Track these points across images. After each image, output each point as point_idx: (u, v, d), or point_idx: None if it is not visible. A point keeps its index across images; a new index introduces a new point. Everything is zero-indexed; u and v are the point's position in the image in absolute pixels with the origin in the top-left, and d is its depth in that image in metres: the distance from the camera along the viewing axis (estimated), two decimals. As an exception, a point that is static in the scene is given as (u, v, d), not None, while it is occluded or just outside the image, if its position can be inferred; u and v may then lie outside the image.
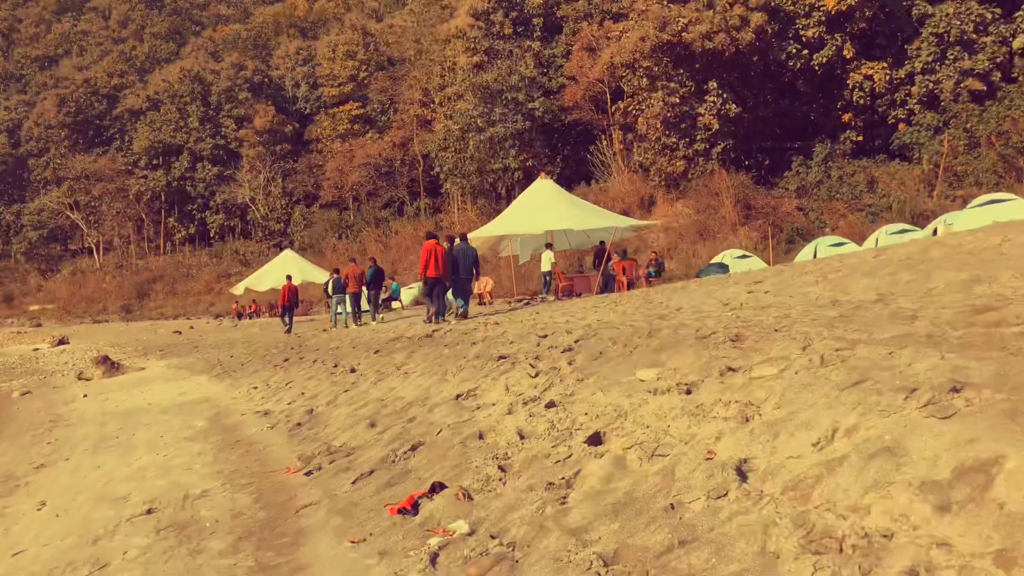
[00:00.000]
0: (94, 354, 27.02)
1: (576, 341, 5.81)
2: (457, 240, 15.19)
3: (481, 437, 4.20)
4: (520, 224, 17.71)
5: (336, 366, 9.32)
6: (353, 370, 8.38)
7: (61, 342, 35.21)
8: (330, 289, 21.34)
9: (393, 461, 4.31)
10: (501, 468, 3.61)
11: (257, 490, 4.75)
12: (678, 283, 13.93)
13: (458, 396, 5.15)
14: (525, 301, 17.95)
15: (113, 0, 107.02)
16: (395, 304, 24.89)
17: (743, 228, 30.92)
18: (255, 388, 9.93)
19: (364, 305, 22.19)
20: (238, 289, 33.93)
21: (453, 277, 14.87)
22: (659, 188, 36.11)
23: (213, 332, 29.26)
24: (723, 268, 19.09)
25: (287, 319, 22.32)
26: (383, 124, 63.28)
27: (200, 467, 5.74)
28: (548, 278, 18.43)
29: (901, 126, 33.84)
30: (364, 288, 20.03)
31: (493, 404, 4.67)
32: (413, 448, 4.38)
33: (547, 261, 18.45)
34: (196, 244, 70.24)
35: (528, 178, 48.37)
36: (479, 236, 18.36)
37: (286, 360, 12.11)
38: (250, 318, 38.69)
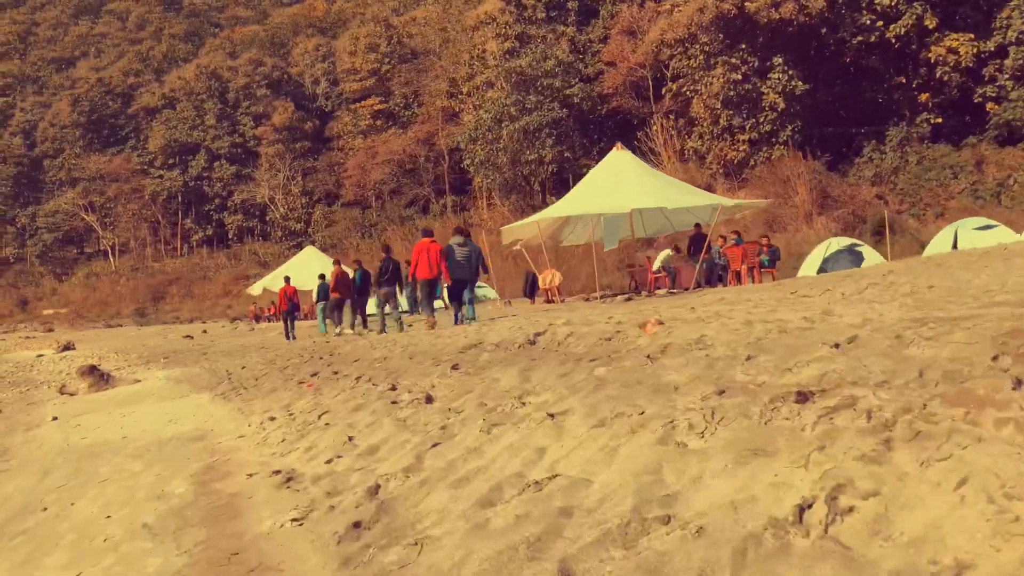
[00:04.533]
0: (95, 361, 24.09)
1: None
2: (459, 237, 13.46)
3: None
4: (600, 202, 14.36)
5: (394, 389, 6.09)
6: (429, 399, 5.14)
7: (66, 348, 32.49)
8: (314, 296, 19.34)
9: None
10: None
11: None
12: (909, 260, 10.54)
13: (802, 508, 1.96)
14: (623, 296, 14.38)
15: (130, 3, 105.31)
16: (438, 303, 21.63)
17: (819, 218, 27.47)
18: (272, 419, 6.73)
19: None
20: (255, 289, 31.03)
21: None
22: (717, 176, 32.70)
23: (227, 337, 26.23)
24: (855, 256, 15.79)
25: (288, 325, 20.35)
26: (406, 119, 60.34)
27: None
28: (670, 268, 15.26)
29: (990, 105, 30.23)
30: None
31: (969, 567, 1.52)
32: None
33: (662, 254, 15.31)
34: (213, 246, 67.65)
35: (562, 173, 45.30)
36: (545, 217, 15.15)
37: (314, 375, 8.91)
38: (268, 321, 35.76)
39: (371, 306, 27.05)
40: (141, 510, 4.45)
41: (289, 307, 20.72)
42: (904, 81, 32.92)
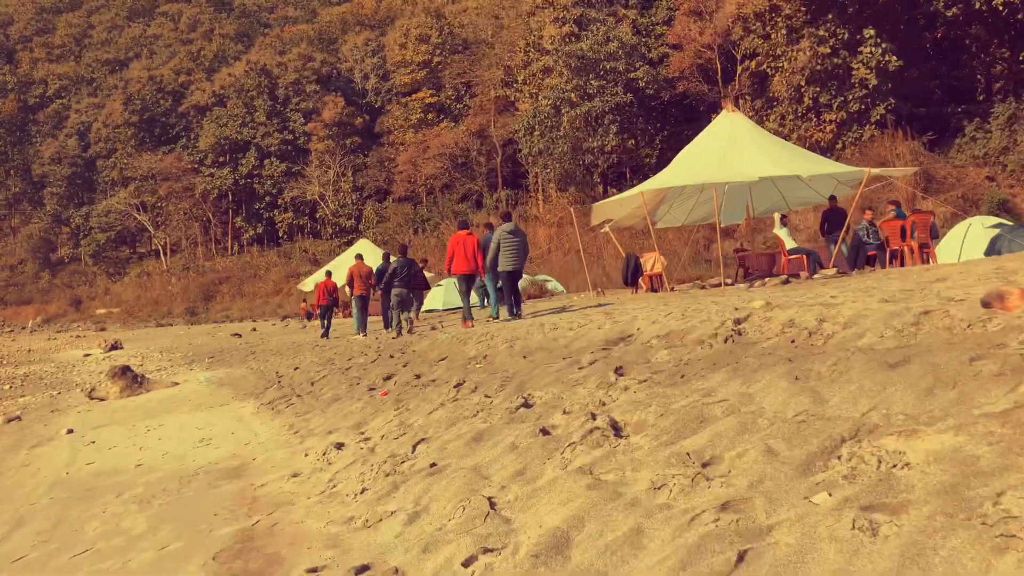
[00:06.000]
0: (138, 361, 22.66)
1: None
2: (509, 224, 12.31)
3: None
4: (718, 171, 11.89)
5: (529, 405, 3.92)
6: (617, 429, 2.96)
7: (113, 347, 31.44)
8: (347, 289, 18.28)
9: None
10: None
11: None
12: None
13: None
14: (778, 280, 11.67)
15: (183, 4, 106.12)
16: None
17: (924, 202, 24.60)
18: (338, 447, 4.63)
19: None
20: (307, 285, 29.35)
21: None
22: (802, 160, 29.85)
23: (277, 334, 24.53)
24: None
25: (325, 322, 19.39)
26: (458, 111, 58.46)
27: None
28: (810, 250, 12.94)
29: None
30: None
31: None
32: None
33: (787, 237, 12.94)
34: (264, 244, 66.70)
35: (620, 165, 42.82)
36: (649, 189, 12.85)
37: (388, 379, 6.82)
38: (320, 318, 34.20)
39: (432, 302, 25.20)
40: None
41: (328, 302, 19.53)
42: (1008, 54, 29.77)
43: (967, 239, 14.83)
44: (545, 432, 3.21)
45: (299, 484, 3.95)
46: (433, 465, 3.35)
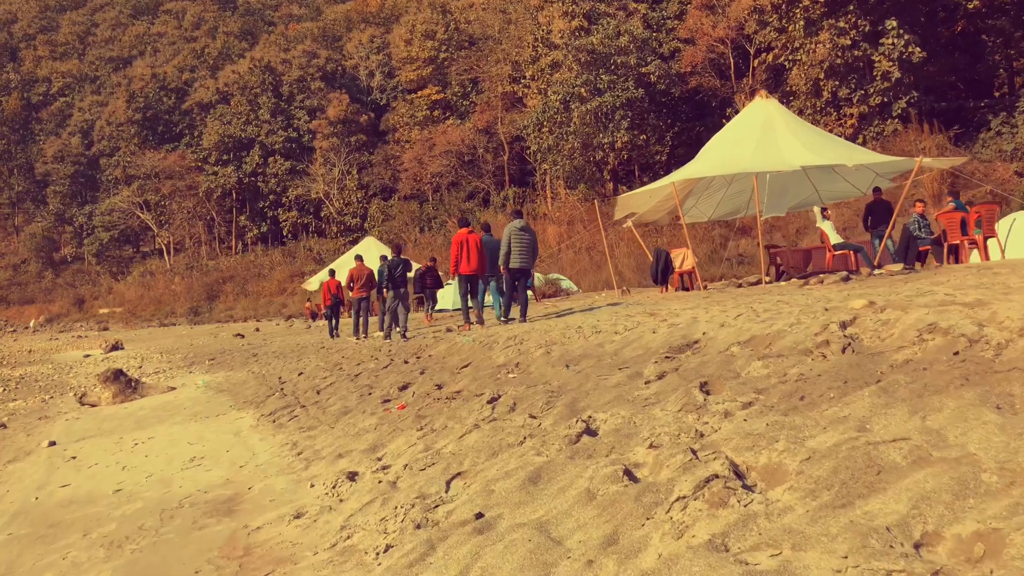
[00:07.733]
0: (137, 362, 21.94)
1: None
2: (520, 220, 11.89)
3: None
4: (759, 158, 11.01)
5: (592, 432, 3.12)
6: (741, 475, 2.15)
7: (114, 347, 30.82)
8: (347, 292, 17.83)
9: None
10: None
11: None
12: None
13: None
14: (837, 277, 10.57)
15: (187, 2, 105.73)
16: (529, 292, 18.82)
17: (950, 199, 23.73)
18: (352, 477, 3.80)
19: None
20: (312, 284, 28.57)
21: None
22: (821, 155, 28.96)
23: (280, 335, 23.74)
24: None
25: (332, 323, 18.92)
26: (465, 108, 57.61)
27: None
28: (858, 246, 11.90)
29: None
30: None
31: None
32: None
33: (831, 231, 12.01)
34: (269, 243, 65.91)
35: (630, 162, 41.99)
36: (683, 178, 12.02)
37: (404, 389, 6.02)
38: (325, 319, 33.45)
39: (445, 301, 24.38)
40: None
41: (333, 302, 18.85)
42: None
43: (1012, 233, 14.01)
44: (631, 476, 2.40)
45: (304, 529, 3.15)
46: (479, 516, 2.55)
